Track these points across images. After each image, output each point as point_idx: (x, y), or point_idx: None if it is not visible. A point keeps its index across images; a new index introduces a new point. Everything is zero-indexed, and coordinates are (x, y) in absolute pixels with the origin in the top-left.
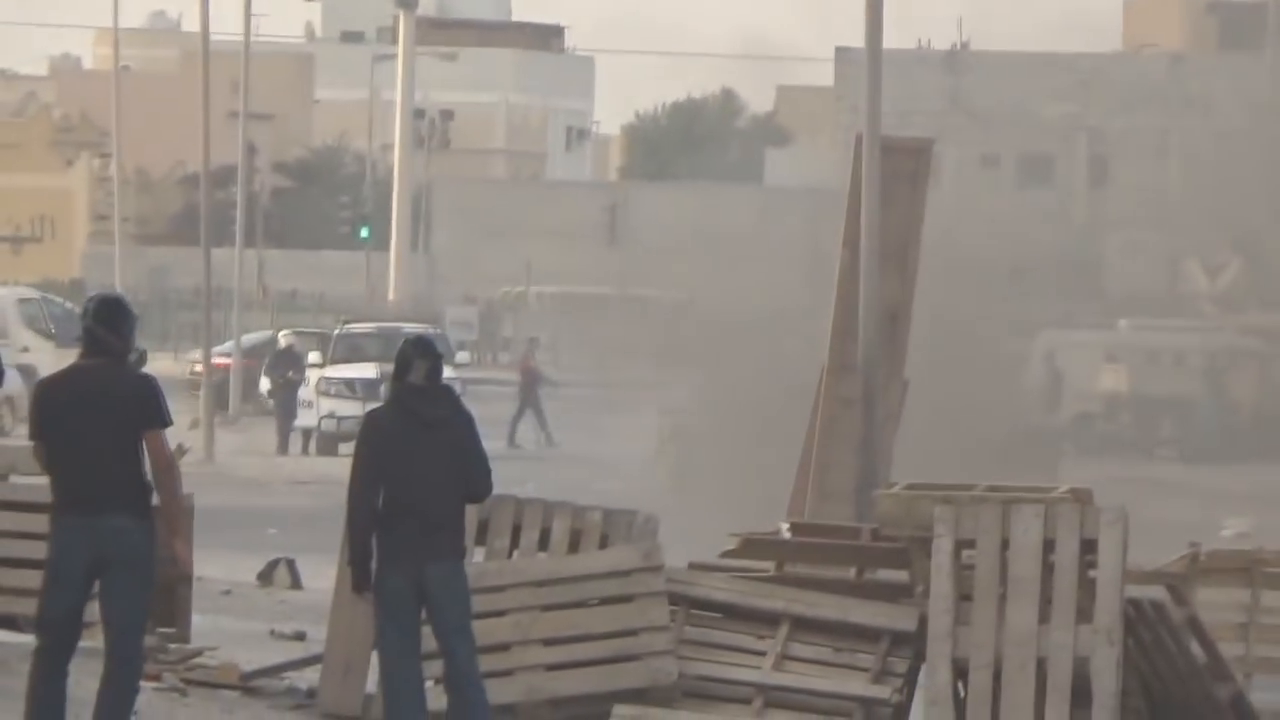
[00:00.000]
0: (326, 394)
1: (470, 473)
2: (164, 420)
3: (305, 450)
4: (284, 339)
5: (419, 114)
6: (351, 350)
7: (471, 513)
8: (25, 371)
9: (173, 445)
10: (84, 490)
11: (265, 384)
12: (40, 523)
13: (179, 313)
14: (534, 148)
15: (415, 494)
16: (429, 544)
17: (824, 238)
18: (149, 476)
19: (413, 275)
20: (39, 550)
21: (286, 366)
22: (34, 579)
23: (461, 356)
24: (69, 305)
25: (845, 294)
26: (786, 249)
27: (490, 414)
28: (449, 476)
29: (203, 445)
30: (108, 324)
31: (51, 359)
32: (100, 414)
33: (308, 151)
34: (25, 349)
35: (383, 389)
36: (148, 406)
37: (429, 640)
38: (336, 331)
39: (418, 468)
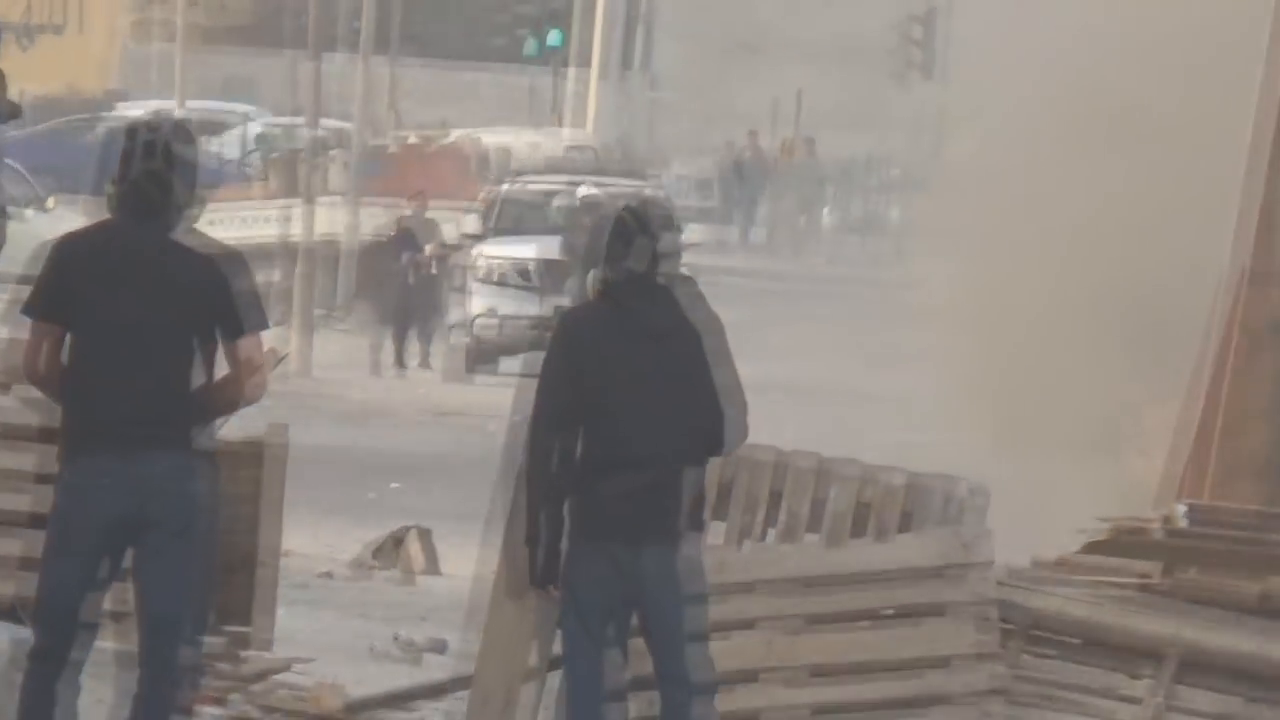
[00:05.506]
0: (485, 280)
1: (717, 409)
2: (261, 319)
3: (451, 365)
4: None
5: None
6: (525, 215)
7: (711, 471)
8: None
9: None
10: (115, 415)
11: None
12: (30, 460)
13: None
14: None
15: (632, 439)
16: (650, 515)
17: (1244, 75)
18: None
19: (622, 106)
20: (29, 503)
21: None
22: (22, 547)
23: (692, 233)
24: None
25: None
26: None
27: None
28: (684, 414)
29: (294, 353)
30: (174, 164)
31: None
32: (153, 302)
33: None
34: None
35: (576, 280)
36: (234, 298)
37: (640, 660)
38: (504, 187)
39: (637, 399)
